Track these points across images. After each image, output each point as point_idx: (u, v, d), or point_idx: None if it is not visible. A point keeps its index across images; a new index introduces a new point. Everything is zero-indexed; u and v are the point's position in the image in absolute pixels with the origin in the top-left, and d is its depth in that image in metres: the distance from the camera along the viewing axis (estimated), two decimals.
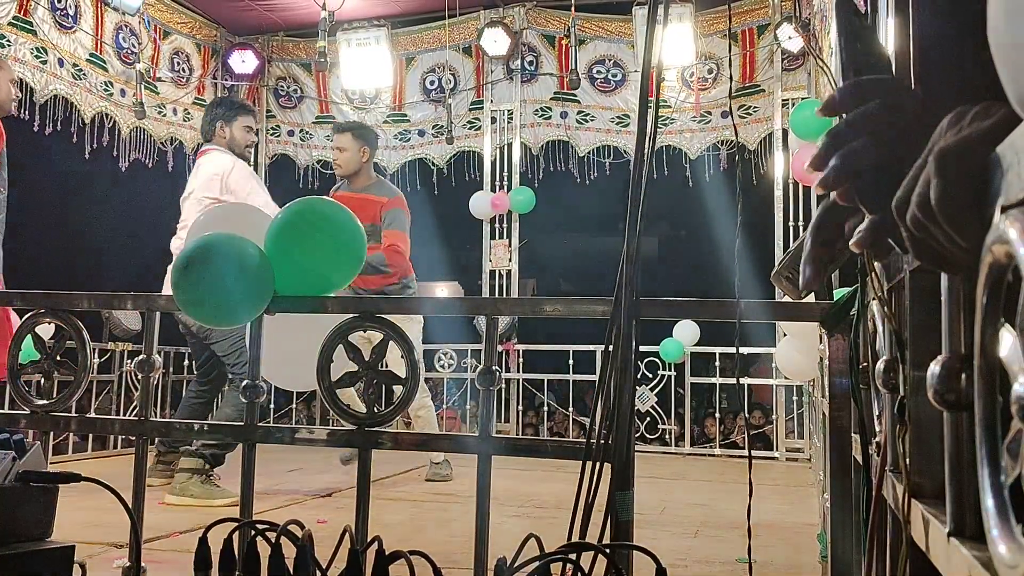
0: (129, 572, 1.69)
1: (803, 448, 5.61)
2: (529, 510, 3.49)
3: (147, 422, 1.89)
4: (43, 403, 1.95)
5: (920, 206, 0.48)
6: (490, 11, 6.36)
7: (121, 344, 5.45)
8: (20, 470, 1.47)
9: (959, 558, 0.51)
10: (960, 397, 0.50)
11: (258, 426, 1.82)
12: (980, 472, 0.43)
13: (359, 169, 4.30)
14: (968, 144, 0.46)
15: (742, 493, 1.54)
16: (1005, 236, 0.38)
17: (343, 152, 4.30)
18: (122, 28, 5.74)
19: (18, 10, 4.96)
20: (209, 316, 1.92)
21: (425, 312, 2.15)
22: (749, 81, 5.99)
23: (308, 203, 2.07)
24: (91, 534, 2.76)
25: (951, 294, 0.59)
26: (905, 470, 0.71)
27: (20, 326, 1.99)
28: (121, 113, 5.77)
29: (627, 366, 1.43)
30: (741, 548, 2.81)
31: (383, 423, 1.75)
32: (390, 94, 6.58)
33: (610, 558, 1.25)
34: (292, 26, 6.66)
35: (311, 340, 1.82)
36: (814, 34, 4.29)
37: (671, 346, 5.92)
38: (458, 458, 4.10)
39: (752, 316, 1.58)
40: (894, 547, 0.82)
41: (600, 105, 6.27)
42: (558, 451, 1.69)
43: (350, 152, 4.28)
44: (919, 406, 0.70)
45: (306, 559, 1.29)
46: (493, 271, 6.36)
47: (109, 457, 5.15)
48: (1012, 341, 0.40)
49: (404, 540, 1.70)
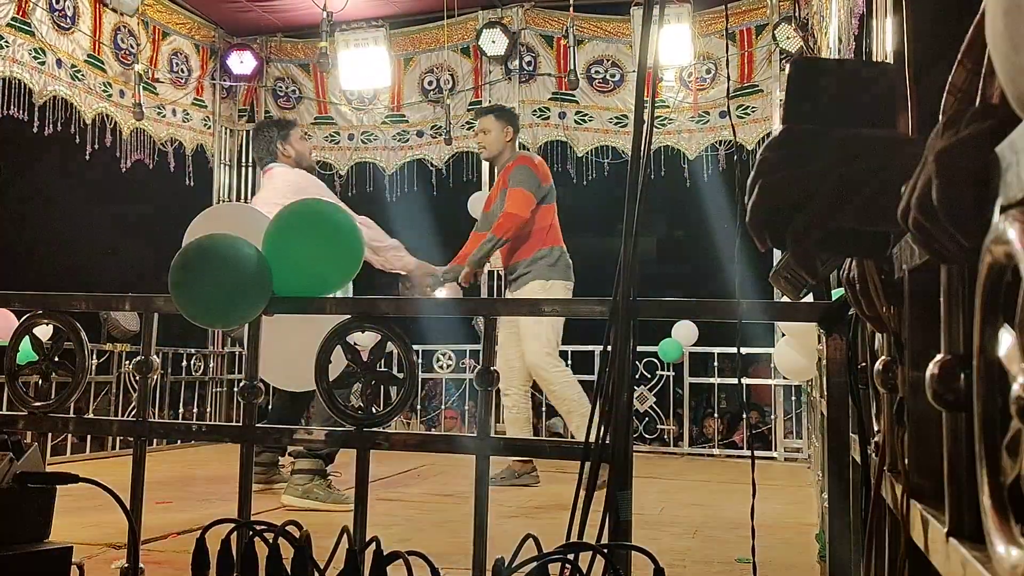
0: (127, 573, 1.69)
1: (802, 448, 5.61)
2: (528, 510, 3.49)
3: (145, 423, 1.89)
4: (41, 404, 1.94)
5: (921, 207, 0.48)
6: (488, 11, 6.36)
7: (119, 345, 5.44)
8: (18, 471, 1.47)
9: (958, 558, 0.51)
10: (959, 397, 0.50)
11: (256, 427, 1.82)
12: (979, 472, 0.43)
13: (502, 150, 4.27)
14: (968, 144, 0.46)
15: (741, 493, 1.54)
16: (1004, 236, 0.38)
17: (487, 134, 4.28)
18: (120, 29, 5.73)
19: (16, 11, 4.95)
20: (207, 317, 1.92)
21: (425, 312, 2.15)
22: (747, 81, 6.00)
23: (306, 204, 2.07)
24: (89, 535, 2.76)
25: (950, 294, 0.59)
26: (904, 470, 0.71)
27: (18, 327, 1.99)
28: (121, 114, 5.76)
29: (626, 366, 1.43)
30: (740, 548, 2.81)
31: (381, 424, 1.75)
32: (388, 95, 6.58)
33: (608, 558, 1.25)
34: (290, 27, 6.66)
35: (309, 340, 1.82)
36: (812, 34, 4.29)
37: (669, 346, 5.92)
38: (456, 459, 4.10)
39: (751, 316, 1.58)
40: (893, 547, 0.82)
41: (598, 105, 6.27)
42: (557, 451, 1.69)
43: (493, 133, 4.26)
44: (918, 406, 0.70)
45: (304, 560, 1.29)
46: (492, 271, 6.36)
47: (107, 458, 5.15)
48: (1011, 341, 0.40)
49: (402, 540, 1.70)
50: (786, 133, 0.69)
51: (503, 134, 4.26)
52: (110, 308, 3.68)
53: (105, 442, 5.49)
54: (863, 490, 1.03)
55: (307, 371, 1.77)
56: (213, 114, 6.70)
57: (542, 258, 4.17)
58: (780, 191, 0.65)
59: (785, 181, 0.64)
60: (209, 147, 6.70)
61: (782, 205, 0.64)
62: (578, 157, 6.30)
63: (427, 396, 7.06)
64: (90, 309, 2.08)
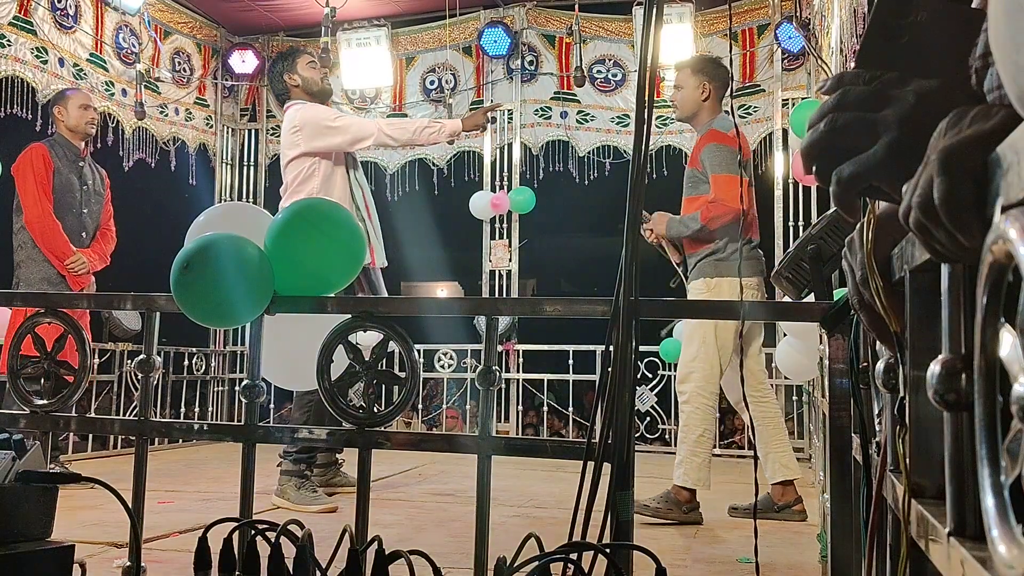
0: (129, 572, 1.69)
1: (803, 448, 5.61)
2: (529, 510, 3.49)
3: (147, 422, 1.89)
4: (43, 403, 1.95)
5: (922, 207, 0.48)
6: (490, 11, 6.36)
7: (121, 344, 5.44)
8: (20, 470, 1.47)
9: (959, 558, 0.51)
10: (960, 397, 0.50)
11: (258, 426, 1.82)
12: (980, 472, 0.43)
13: (699, 109, 3.57)
14: (969, 143, 0.46)
15: (742, 493, 1.54)
16: (1005, 236, 0.38)
17: (680, 90, 3.64)
18: (122, 28, 5.74)
19: (18, 10, 4.96)
20: (209, 316, 1.92)
21: (425, 312, 2.14)
22: (749, 81, 5.99)
23: (308, 203, 2.07)
24: (91, 534, 2.76)
25: (951, 294, 0.59)
26: (905, 470, 0.71)
27: (20, 326, 1.99)
28: (124, 113, 5.77)
29: (627, 366, 1.43)
30: (741, 548, 2.81)
31: (383, 423, 1.75)
32: (390, 94, 6.58)
33: (610, 558, 1.25)
34: (292, 26, 6.66)
35: (311, 339, 1.82)
36: (814, 34, 4.29)
37: (671, 346, 5.91)
38: (458, 458, 4.10)
39: (753, 316, 1.58)
40: (894, 547, 0.82)
41: (600, 105, 6.27)
42: (558, 451, 1.69)
43: (687, 90, 3.60)
44: (919, 406, 0.70)
45: (306, 559, 1.29)
46: (493, 271, 6.36)
47: (109, 457, 5.16)
48: (1012, 341, 0.40)
49: (404, 540, 1.71)
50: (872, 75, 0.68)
51: (699, 91, 3.56)
52: (112, 307, 3.68)
53: (107, 441, 5.50)
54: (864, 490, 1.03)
55: (309, 370, 1.77)
56: (215, 113, 6.71)
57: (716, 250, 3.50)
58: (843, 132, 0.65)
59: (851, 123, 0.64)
60: (211, 146, 6.71)
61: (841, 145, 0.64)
62: (580, 157, 6.30)
63: (428, 396, 7.06)
64: (92, 308, 2.09)
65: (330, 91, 4.11)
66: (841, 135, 0.65)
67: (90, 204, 4.33)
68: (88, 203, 4.32)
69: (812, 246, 1.52)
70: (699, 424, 3.30)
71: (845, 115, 0.65)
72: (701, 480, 3.25)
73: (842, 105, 0.66)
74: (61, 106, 4.31)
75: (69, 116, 4.27)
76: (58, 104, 4.33)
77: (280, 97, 4.02)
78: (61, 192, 4.17)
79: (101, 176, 4.48)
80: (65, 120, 4.28)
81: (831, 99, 0.67)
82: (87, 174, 4.34)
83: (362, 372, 1.72)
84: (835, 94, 0.67)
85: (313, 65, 3.95)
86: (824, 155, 0.67)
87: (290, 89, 3.92)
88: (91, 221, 4.34)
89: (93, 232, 4.36)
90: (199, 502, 3.58)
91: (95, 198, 4.37)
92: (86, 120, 4.30)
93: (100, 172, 4.48)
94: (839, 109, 0.66)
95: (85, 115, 4.30)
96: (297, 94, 3.91)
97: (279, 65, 3.98)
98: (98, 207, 4.40)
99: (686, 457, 3.28)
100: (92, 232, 4.35)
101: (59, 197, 4.15)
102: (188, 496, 3.71)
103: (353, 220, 2.02)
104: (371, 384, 1.73)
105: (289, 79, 3.90)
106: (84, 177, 4.31)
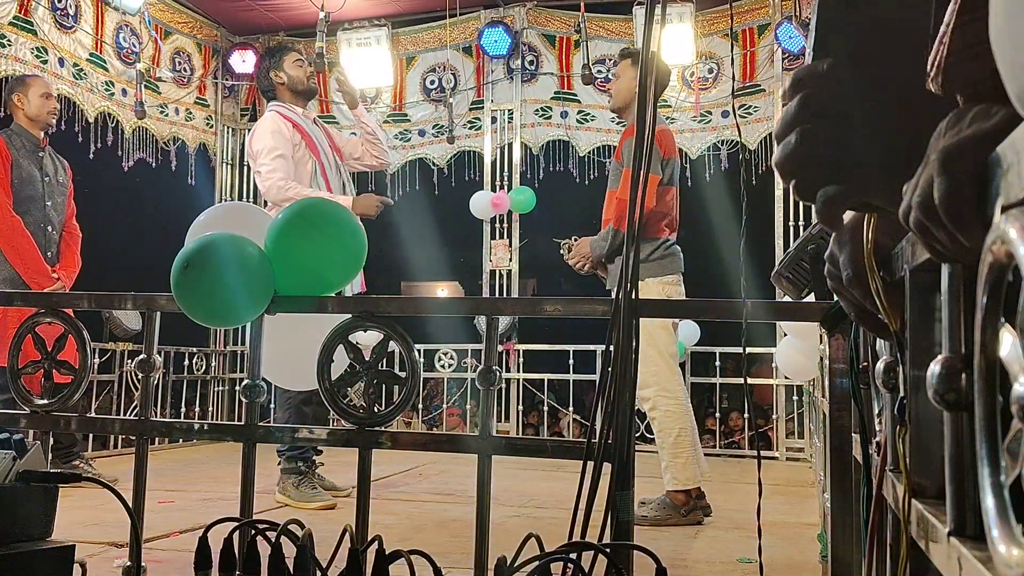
0: (129, 572, 1.69)
1: (803, 448, 5.61)
2: (529, 510, 3.49)
3: (147, 422, 1.89)
4: (43, 403, 1.95)
5: (922, 207, 0.48)
6: (490, 11, 6.36)
7: (121, 344, 5.45)
8: (20, 469, 1.47)
9: (959, 558, 0.51)
10: (960, 397, 0.50)
11: (258, 426, 1.82)
12: (980, 472, 0.43)
13: (632, 101, 3.40)
14: (970, 143, 0.46)
15: (742, 493, 1.54)
16: (1005, 236, 0.38)
17: (617, 80, 3.56)
18: (122, 28, 5.74)
19: (19, 10, 4.96)
20: (209, 316, 1.92)
21: (425, 312, 2.15)
22: (749, 81, 5.99)
23: (309, 203, 2.07)
24: (91, 533, 2.76)
25: (951, 294, 0.59)
26: (905, 470, 0.71)
27: (20, 326, 1.99)
28: (124, 113, 5.77)
29: (627, 366, 1.43)
30: (741, 548, 2.81)
31: (383, 423, 1.75)
32: (390, 94, 6.58)
33: (610, 558, 1.25)
34: (293, 26, 6.66)
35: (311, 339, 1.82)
36: None
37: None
38: (458, 458, 4.10)
39: (753, 316, 1.58)
40: (894, 547, 0.82)
41: (600, 105, 6.26)
42: (558, 451, 1.69)
43: (623, 80, 3.51)
44: (919, 406, 0.70)
45: (306, 558, 1.29)
46: (493, 271, 6.36)
47: (109, 457, 5.16)
48: (1012, 341, 0.40)
49: (404, 540, 1.70)
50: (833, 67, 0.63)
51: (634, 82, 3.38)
52: (112, 307, 3.67)
53: (107, 441, 5.50)
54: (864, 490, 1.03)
55: (309, 370, 1.77)
56: (215, 113, 6.71)
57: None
58: (818, 143, 0.61)
59: (827, 138, 0.60)
60: (211, 146, 6.71)
61: (816, 159, 0.60)
62: (580, 157, 6.30)
63: (428, 395, 7.06)
64: (93, 308, 2.08)
65: (315, 90, 4.10)
66: (816, 146, 0.62)
67: (54, 196, 4.15)
68: (52, 195, 4.13)
69: (812, 246, 1.52)
70: (673, 426, 3.27)
71: (816, 124, 0.62)
72: (691, 478, 3.23)
73: (809, 111, 0.62)
74: (21, 93, 4.12)
75: (30, 104, 4.08)
76: (17, 91, 4.13)
77: (266, 94, 4.00)
78: (22, 186, 3.99)
79: (64, 167, 4.29)
80: (25, 108, 4.09)
81: (795, 105, 0.63)
82: (48, 165, 4.15)
83: (362, 372, 1.72)
84: (797, 98, 0.64)
85: (300, 63, 3.95)
86: (800, 170, 0.63)
87: (276, 86, 3.91)
88: (56, 214, 4.14)
89: (59, 225, 4.17)
90: (199, 502, 3.58)
91: (59, 189, 4.19)
92: (47, 110, 4.12)
93: (62, 163, 4.29)
94: (809, 118, 0.62)
95: (47, 104, 4.12)
96: (282, 91, 3.90)
97: (266, 62, 3.99)
98: (62, 199, 4.21)
99: (669, 462, 3.27)
100: (57, 225, 4.15)
101: (20, 191, 3.98)
102: (188, 496, 3.71)
103: (354, 220, 2.01)
104: (371, 384, 1.73)
105: (275, 76, 3.89)
106: (45, 168, 4.13)
